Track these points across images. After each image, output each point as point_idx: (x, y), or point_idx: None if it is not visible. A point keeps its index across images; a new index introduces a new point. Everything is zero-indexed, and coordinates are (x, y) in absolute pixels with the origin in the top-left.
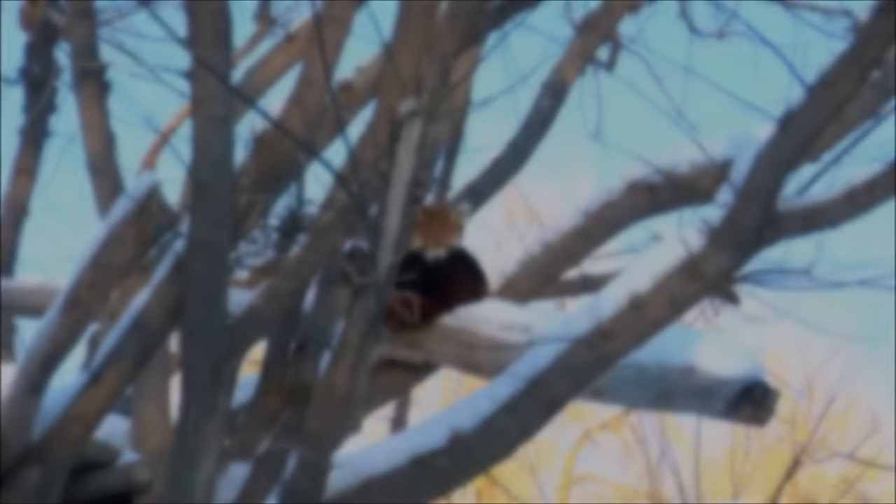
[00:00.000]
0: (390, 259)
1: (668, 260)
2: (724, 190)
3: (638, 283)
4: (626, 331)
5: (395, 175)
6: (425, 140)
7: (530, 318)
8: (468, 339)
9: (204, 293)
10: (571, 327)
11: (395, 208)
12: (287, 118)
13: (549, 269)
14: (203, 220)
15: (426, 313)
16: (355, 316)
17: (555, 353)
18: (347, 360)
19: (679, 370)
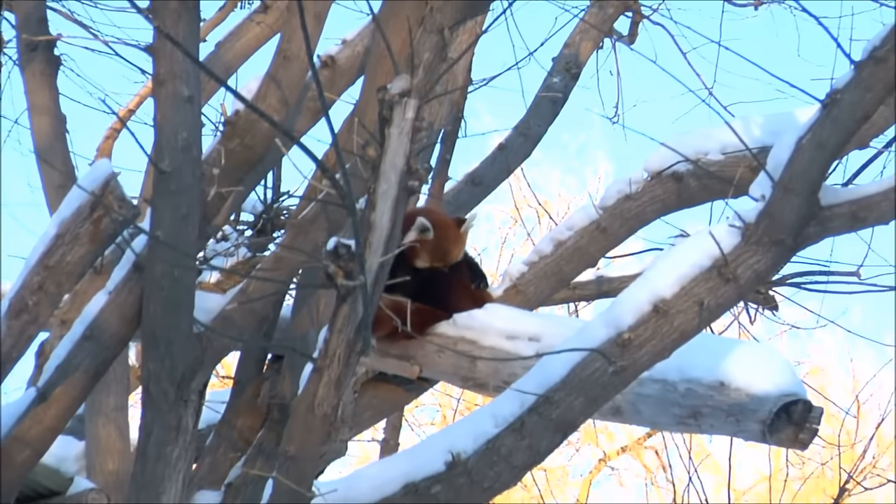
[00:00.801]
0: (380, 258)
1: (696, 260)
2: (761, 180)
3: (662, 286)
4: (649, 340)
5: (386, 163)
6: (420, 123)
7: (539, 326)
8: (468, 350)
9: (168, 297)
10: (586, 336)
11: (385, 201)
12: (262, 98)
13: (561, 271)
14: (167, 214)
15: (421, 320)
16: (340, 323)
17: (567, 366)
18: (331, 374)
19: (709, 385)
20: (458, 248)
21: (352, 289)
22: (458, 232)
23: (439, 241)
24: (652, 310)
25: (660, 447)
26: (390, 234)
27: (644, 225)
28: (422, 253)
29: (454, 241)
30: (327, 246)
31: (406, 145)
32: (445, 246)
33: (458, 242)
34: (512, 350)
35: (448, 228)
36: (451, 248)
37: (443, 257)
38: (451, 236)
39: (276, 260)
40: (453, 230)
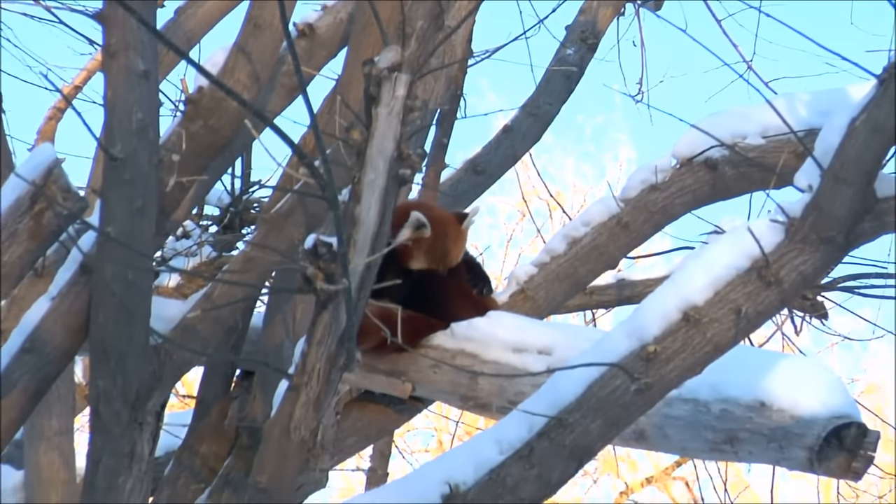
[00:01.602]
0: (366, 259)
1: (732, 261)
2: (807, 168)
3: (693, 291)
4: (678, 354)
5: (373, 148)
6: (412, 102)
7: (550, 338)
8: (468, 365)
9: (120, 304)
10: (605, 349)
11: (372, 192)
12: (230, 73)
13: (576, 273)
14: (119, 207)
15: (413, 330)
16: (320, 334)
17: (583, 384)
18: (309, 393)
19: (748, 406)
20: (458, 248)
21: (333, 294)
22: (458, 229)
23: (437, 240)
24: (681, 318)
25: (691, 478)
26: (378, 230)
27: (672, 220)
28: (416, 253)
29: (454, 239)
30: (305, 244)
31: (396, 127)
32: (444, 245)
33: (459, 241)
34: (519, 365)
35: (447, 225)
36: (450, 249)
37: (441, 259)
38: (451, 234)
39: (246, 260)
40: (453, 227)
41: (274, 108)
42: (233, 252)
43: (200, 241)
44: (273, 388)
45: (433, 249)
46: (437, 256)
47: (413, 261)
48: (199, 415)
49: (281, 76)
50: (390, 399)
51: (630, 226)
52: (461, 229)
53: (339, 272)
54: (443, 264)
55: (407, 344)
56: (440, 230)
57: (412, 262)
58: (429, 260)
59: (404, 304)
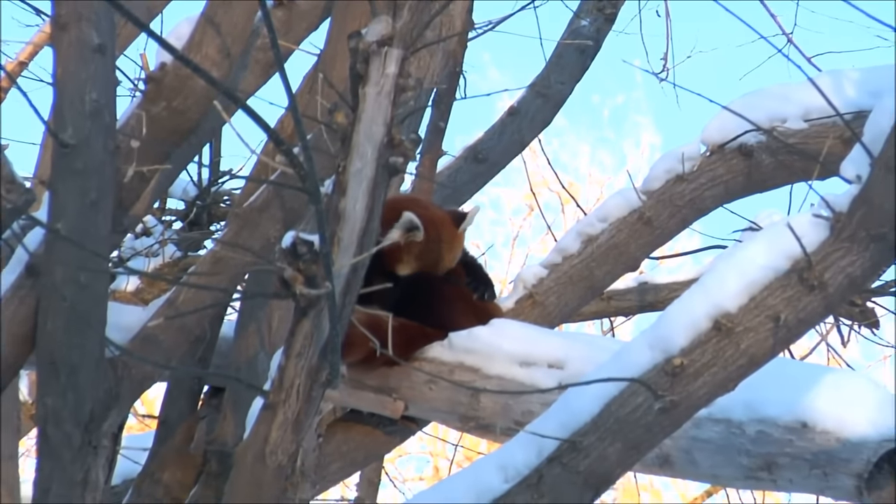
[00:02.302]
0: (352, 259)
1: (770, 261)
2: (855, 156)
3: (725, 296)
4: (708, 367)
5: (360, 133)
6: (405, 81)
7: (562, 349)
8: (469, 380)
9: (71, 310)
10: (624, 362)
11: (359, 183)
12: (197, 47)
13: (591, 276)
14: (70, 200)
15: (406, 341)
16: (299, 345)
17: (599, 402)
18: (287, 412)
19: (787, 427)
20: (452, 254)
21: (315, 299)
22: (454, 232)
23: (429, 245)
24: (711, 327)
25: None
26: (366, 226)
27: (701, 215)
28: (405, 257)
29: (449, 244)
30: (282, 242)
31: (387, 109)
32: (437, 251)
33: (454, 246)
34: (526, 380)
35: (442, 227)
36: (443, 254)
37: (432, 266)
38: (446, 238)
39: (215, 261)
40: (448, 230)
41: (247, 88)
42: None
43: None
44: (246, 406)
45: (424, 255)
46: (427, 262)
47: (401, 265)
48: (162, 437)
49: (255, 51)
50: (380, 419)
51: (653, 222)
52: (457, 233)
53: (322, 274)
54: (434, 270)
55: (399, 356)
56: (433, 233)
57: (399, 267)
58: (418, 265)
59: (395, 310)
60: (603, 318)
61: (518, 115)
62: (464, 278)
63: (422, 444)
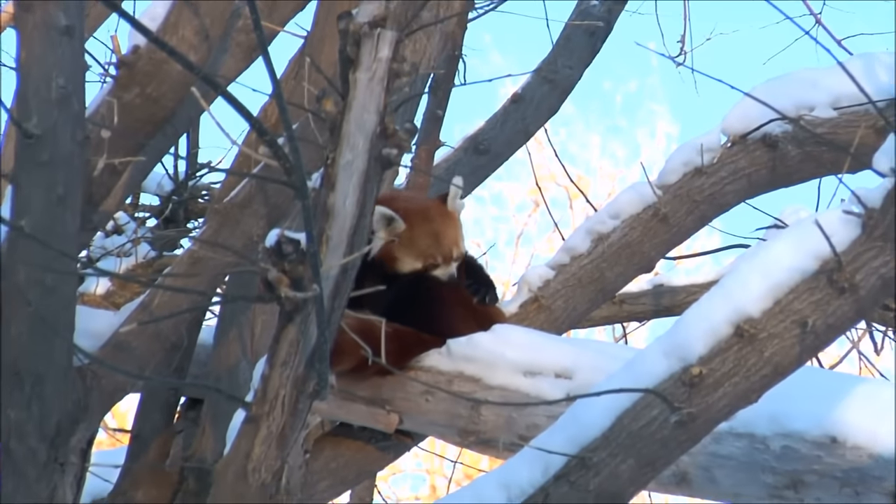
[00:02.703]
0: (342, 259)
1: (796, 262)
2: (889, 147)
3: (747, 299)
4: (729, 377)
5: (351, 122)
6: (399, 65)
7: (570, 357)
8: (469, 391)
9: (37, 315)
10: (638, 372)
11: (350, 177)
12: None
13: (602, 277)
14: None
15: (400, 349)
16: (284, 353)
17: (611, 415)
18: (271, 426)
19: (815, 442)
20: (451, 232)
21: (302, 303)
22: (444, 210)
23: (419, 230)
24: (733, 333)
25: None
26: (357, 224)
27: (721, 211)
28: (399, 254)
29: (442, 223)
30: (266, 241)
31: (379, 96)
32: (432, 233)
33: (450, 224)
34: (531, 391)
35: (428, 209)
36: (441, 234)
37: (435, 251)
38: (436, 218)
39: (193, 262)
40: (436, 209)
41: (227, 73)
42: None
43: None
44: (226, 419)
45: (419, 243)
46: (427, 250)
47: (400, 263)
48: (135, 453)
49: (236, 33)
50: (372, 434)
51: (669, 219)
52: (448, 210)
53: (309, 276)
54: (442, 256)
55: (392, 365)
56: (418, 217)
57: (400, 266)
58: (419, 257)
59: (389, 315)
60: (615, 324)
61: (522, 103)
62: (463, 280)
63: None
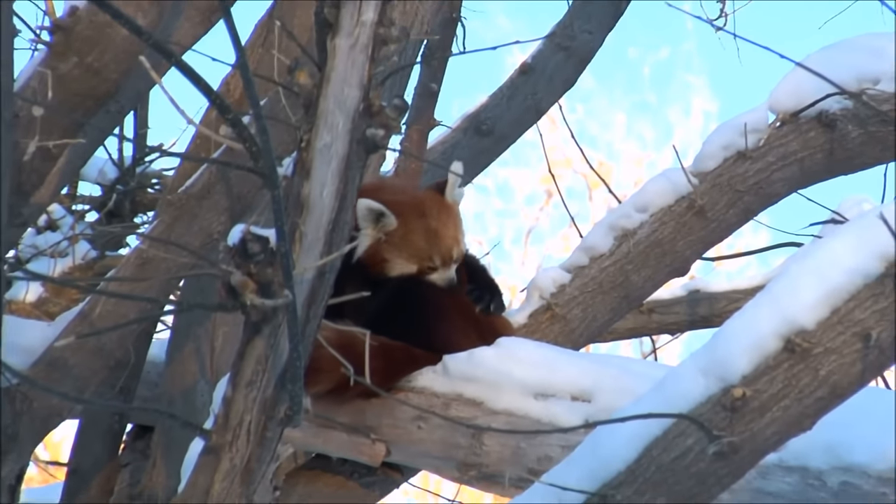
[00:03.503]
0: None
1: (857, 264)
2: None
3: (799, 308)
4: (777, 400)
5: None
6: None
7: (589, 376)
8: (469, 417)
9: None
10: (670, 394)
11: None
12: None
13: (627, 282)
14: None
15: (388, 366)
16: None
17: (637, 444)
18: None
19: (881, 477)
20: (451, 228)
21: (271, 312)
22: (442, 202)
23: (414, 228)
24: (783, 348)
25: None
26: (336, 218)
27: (769, 204)
28: (390, 255)
29: (440, 216)
30: (228, 239)
31: (363, 68)
32: (428, 231)
33: (449, 218)
34: (543, 416)
35: (424, 202)
36: (439, 231)
37: (431, 251)
38: (432, 211)
39: (141, 263)
40: (433, 201)
41: (183, 40)
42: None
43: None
44: (181, 450)
45: (411, 243)
46: (423, 250)
47: (389, 266)
48: (72, 490)
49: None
50: (354, 467)
51: (707, 212)
52: (446, 202)
53: (280, 280)
54: (440, 258)
55: (379, 385)
56: (412, 211)
57: (389, 269)
58: (413, 259)
59: (375, 327)
60: (642, 337)
61: (533, 75)
62: (464, 285)
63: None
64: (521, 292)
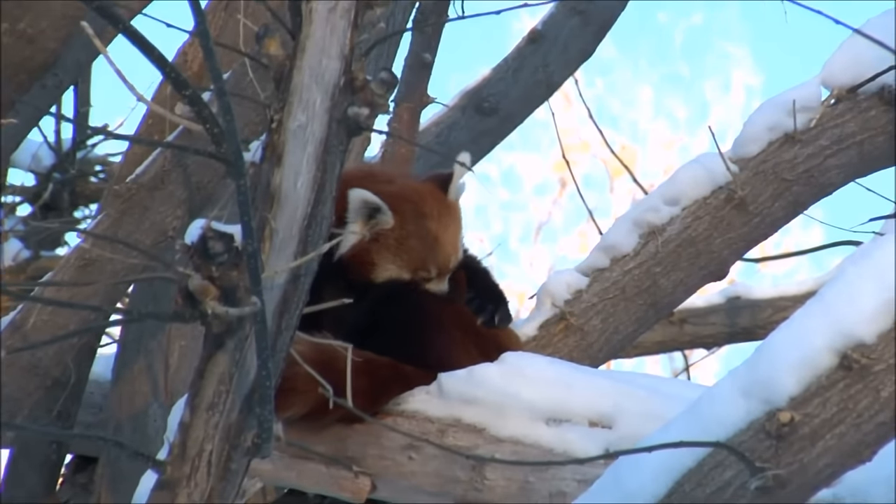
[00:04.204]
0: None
1: None
2: None
3: (857, 318)
4: (832, 426)
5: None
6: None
7: (611, 397)
8: (469, 446)
9: None
10: (706, 418)
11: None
12: None
13: (655, 286)
14: None
15: (375, 386)
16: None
17: (669, 479)
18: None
19: None
20: (451, 233)
21: (236, 323)
22: (443, 200)
23: (411, 230)
24: (837, 365)
25: None
26: (313, 212)
27: (822, 195)
28: (379, 258)
29: (440, 218)
30: (186, 237)
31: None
32: (425, 235)
33: (450, 220)
34: (556, 445)
35: (424, 198)
36: (439, 236)
37: (426, 258)
38: (432, 211)
39: (83, 265)
40: (433, 199)
41: (131, 3)
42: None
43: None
44: (130, 484)
45: (408, 247)
46: (420, 258)
47: (378, 271)
48: None
49: None
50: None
51: (749, 205)
52: (448, 201)
53: (246, 285)
54: (437, 267)
55: (363, 409)
56: (411, 209)
57: (377, 274)
58: (406, 266)
59: (359, 340)
60: (673, 351)
61: (543, 43)
62: (463, 292)
63: None
64: (529, 299)
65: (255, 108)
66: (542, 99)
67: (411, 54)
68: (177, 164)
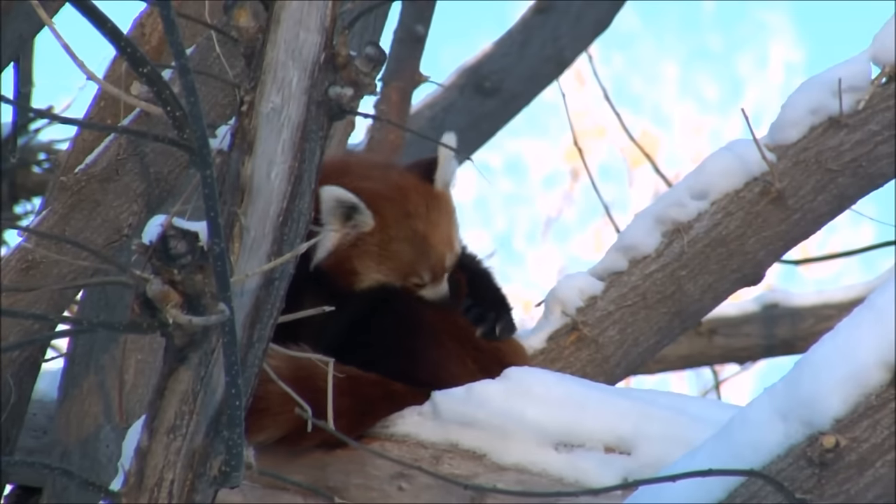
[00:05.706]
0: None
1: None
2: None
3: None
4: (882, 452)
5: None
6: None
7: (629, 419)
8: (468, 474)
9: None
10: (739, 443)
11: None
12: None
13: (680, 292)
14: None
15: (359, 405)
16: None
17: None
18: None
19: None
20: (441, 230)
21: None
22: (431, 192)
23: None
24: (890, 382)
25: None
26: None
27: (871, 188)
28: (360, 263)
29: (429, 215)
30: (144, 236)
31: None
32: (413, 235)
33: (441, 216)
34: (567, 473)
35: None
36: (428, 236)
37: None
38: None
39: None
40: (420, 192)
41: None
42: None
43: None
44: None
45: (393, 251)
46: (409, 262)
47: (362, 278)
48: None
49: None
50: None
51: (788, 199)
52: (435, 191)
53: (213, 291)
54: (430, 272)
55: (345, 432)
56: (395, 208)
57: (360, 281)
58: (394, 273)
59: (341, 354)
60: (701, 367)
61: (553, 13)
62: (461, 297)
63: None
64: (536, 307)
65: (222, 87)
66: (551, 78)
67: (401, 26)
68: (133, 152)
